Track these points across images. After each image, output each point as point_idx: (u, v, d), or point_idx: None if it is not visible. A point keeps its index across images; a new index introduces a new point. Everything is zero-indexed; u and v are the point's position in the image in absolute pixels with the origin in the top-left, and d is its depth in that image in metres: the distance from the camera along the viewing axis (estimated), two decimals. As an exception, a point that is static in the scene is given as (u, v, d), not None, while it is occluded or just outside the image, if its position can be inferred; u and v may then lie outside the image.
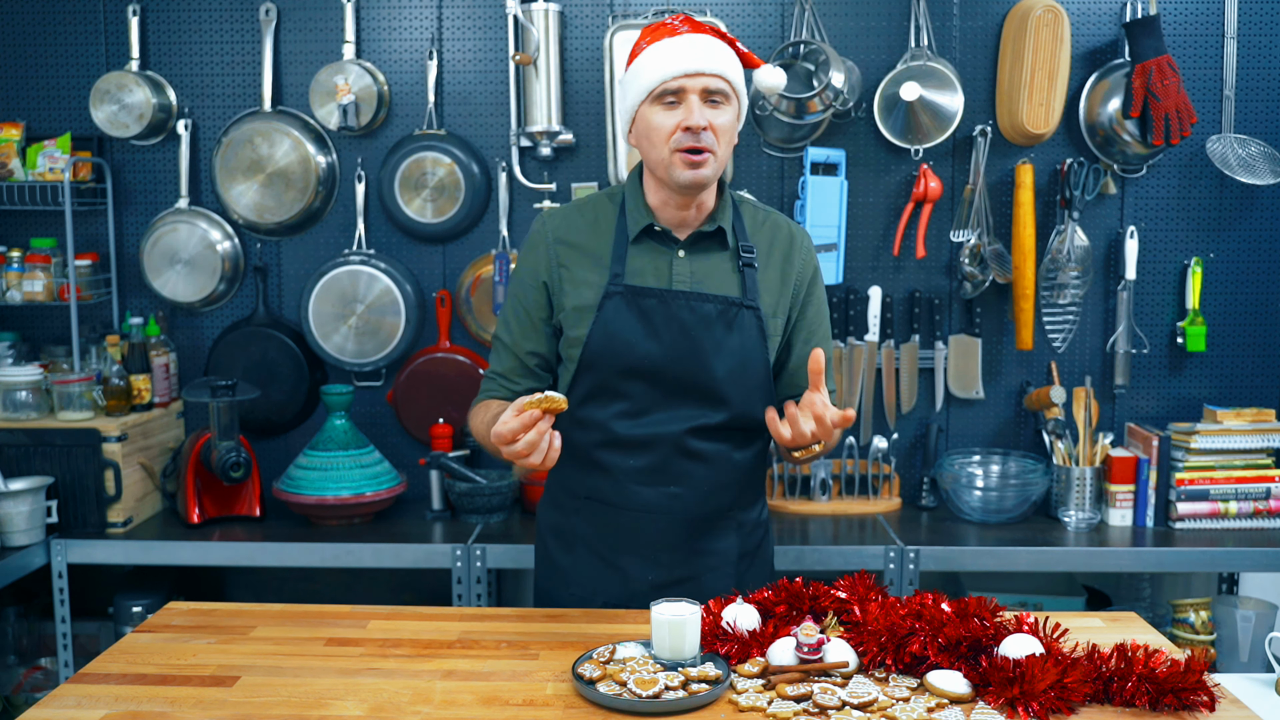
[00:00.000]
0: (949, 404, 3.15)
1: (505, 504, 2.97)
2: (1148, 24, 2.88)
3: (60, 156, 3.03)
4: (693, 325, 1.84)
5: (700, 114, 1.78)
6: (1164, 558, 2.79)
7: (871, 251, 3.11)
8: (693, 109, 1.78)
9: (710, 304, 1.85)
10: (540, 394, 1.63)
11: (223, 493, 2.96)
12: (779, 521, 2.96)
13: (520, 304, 1.93)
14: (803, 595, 1.71)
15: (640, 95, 1.82)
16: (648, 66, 1.81)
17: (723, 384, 1.85)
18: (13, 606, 3.04)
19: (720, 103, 1.80)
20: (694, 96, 1.78)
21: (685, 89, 1.78)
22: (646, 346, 1.84)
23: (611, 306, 1.85)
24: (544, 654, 1.67)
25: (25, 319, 3.22)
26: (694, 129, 1.77)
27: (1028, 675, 1.45)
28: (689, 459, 1.87)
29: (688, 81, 1.78)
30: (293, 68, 3.12)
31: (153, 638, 1.75)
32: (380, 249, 3.15)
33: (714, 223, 1.88)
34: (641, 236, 1.89)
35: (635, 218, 1.89)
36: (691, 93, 1.78)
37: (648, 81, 1.80)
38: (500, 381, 1.96)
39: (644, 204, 1.89)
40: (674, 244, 1.89)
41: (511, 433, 1.61)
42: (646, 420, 1.86)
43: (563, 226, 1.93)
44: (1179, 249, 3.11)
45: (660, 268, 1.87)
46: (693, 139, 1.78)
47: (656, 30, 1.84)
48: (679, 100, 1.79)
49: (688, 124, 1.77)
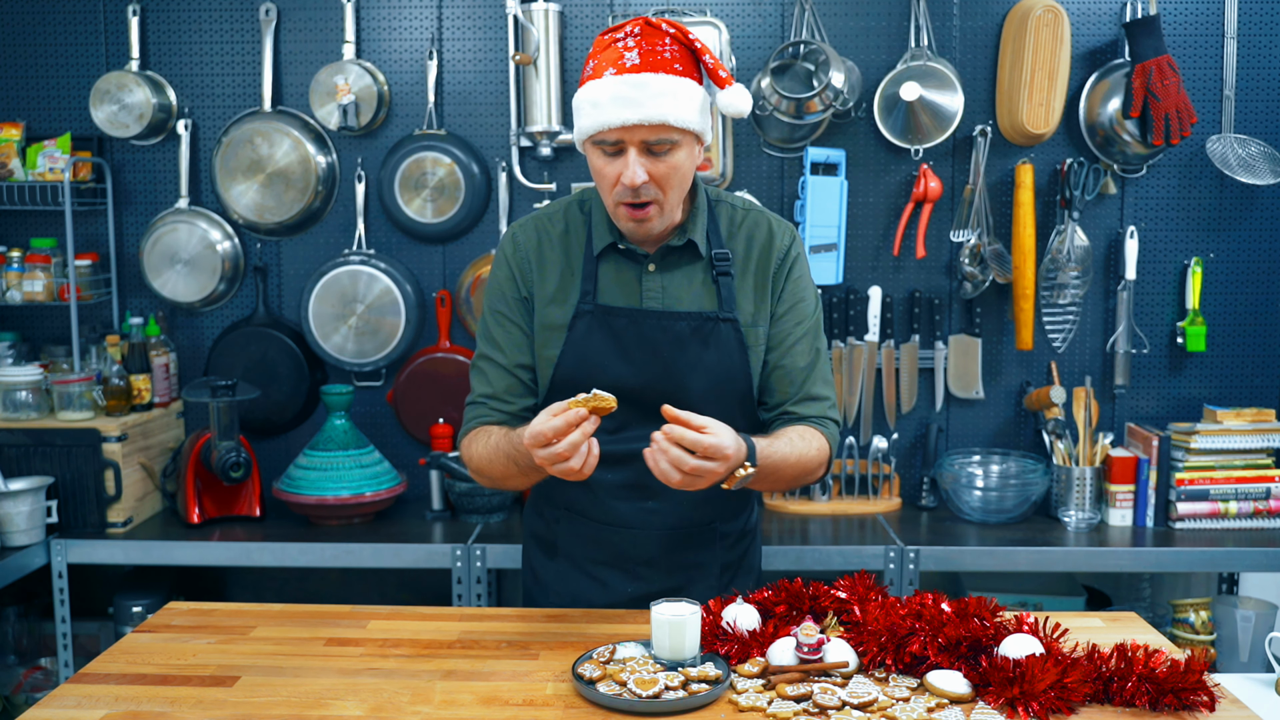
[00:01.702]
0: (949, 404, 3.15)
1: (505, 504, 2.97)
2: (1148, 24, 2.88)
3: (60, 156, 3.03)
4: (665, 345, 1.78)
5: (636, 171, 1.65)
6: (1164, 558, 2.79)
7: (871, 251, 3.11)
8: (630, 163, 1.66)
9: (683, 322, 1.77)
10: (586, 394, 1.55)
11: (223, 493, 2.96)
12: (779, 522, 2.96)
13: (504, 318, 1.83)
14: (803, 595, 1.71)
15: (583, 135, 1.70)
16: (586, 108, 1.68)
17: (700, 403, 1.72)
18: (13, 606, 3.04)
19: (665, 151, 1.67)
20: (633, 150, 1.66)
21: (624, 140, 1.66)
22: (619, 368, 1.78)
23: (582, 326, 1.78)
24: (544, 654, 1.66)
25: (25, 319, 3.22)
26: (631, 185, 1.66)
27: (1028, 675, 1.45)
28: None
29: (625, 135, 1.65)
30: (293, 68, 3.12)
31: (153, 638, 1.75)
32: (380, 249, 3.15)
33: (684, 236, 1.79)
34: (609, 251, 1.81)
35: (600, 233, 1.80)
36: (630, 145, 1.66)
37: (585, 126, 1.68)
38: (494, 405, 1.83)
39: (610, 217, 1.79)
40: (643, 258, 1.80)
41: (554, 431, 1.51)
42: (624, 436, 1.79)
43: (533, 239, 1.84)
44: (1179, 249, 3.10)
45: (629, 284, 1.80)
46: (632, 194, 1.68)
47: (606, 51, 1.70)
48: (620, 150, 1.68)
49: (624, 181, 1.66)
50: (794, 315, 1.85)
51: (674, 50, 1.69)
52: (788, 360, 1.83)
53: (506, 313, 1.84)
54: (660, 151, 1.67)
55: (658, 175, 1.68)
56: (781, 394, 1.84)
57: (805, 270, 1.88)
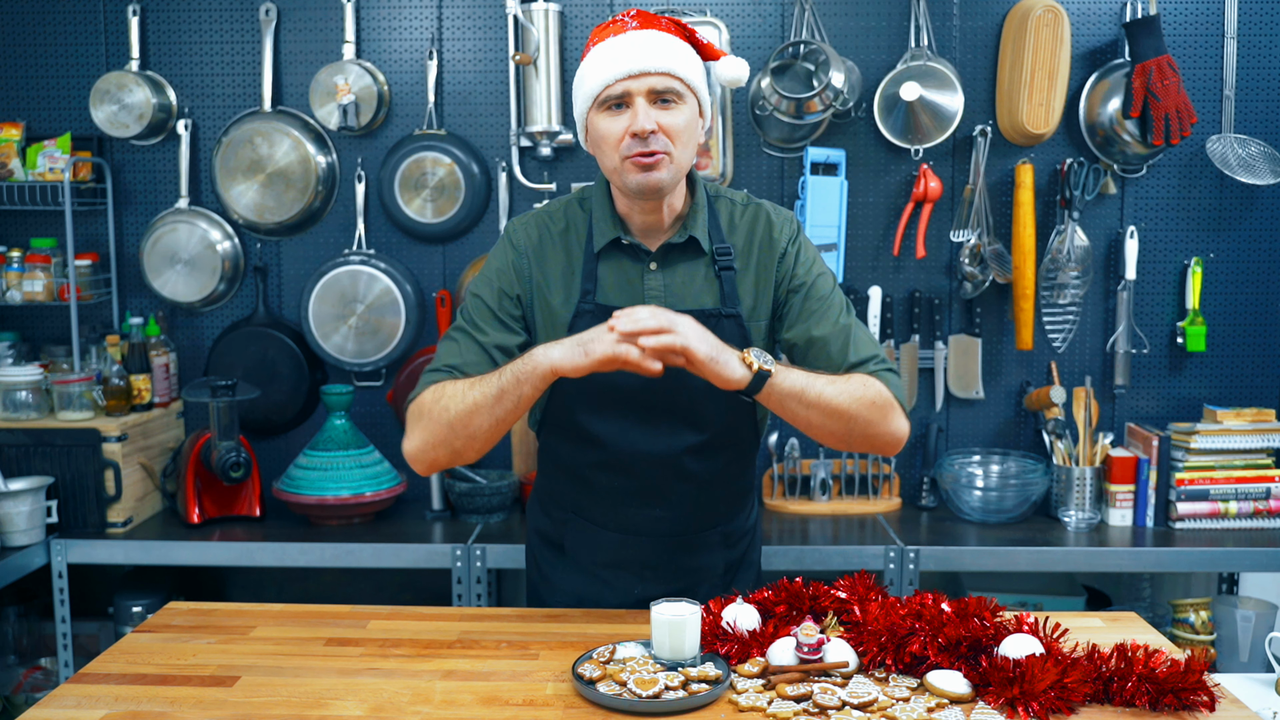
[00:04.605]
0: (949, 404, 3.15)
1: (505, 504, 2.97)
2: (1148, 24, 2.88)
3: (60, 156, 3.03)
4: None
5: (647, 117, 1.66)
6: (1164, 558, 2.79)
7: (871, 251, 3.11)
8: (639, 112, 1.66)
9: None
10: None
11: (223, 493, 2.96)
12: (779, 522, 2.96)
13: (484, 305, 1.80)
14: (803, 595, 1.71)
15: (587, 102, 1.71)
16: (591, 71, 1.70)
17: (703, 401, 1.76)
18: (13, 606, 3.04)
19: (672, 102, 1.69)
20: (640, 99, 1.67)
21: (630, 91, 1.67)
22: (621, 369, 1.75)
23: (583, 326, 1.74)
24: (544, 654, 1.67)
25: (25, 319, 3.22)
26: (640, 134, 1.66)
27: (1028, 675, 1.45)
28: (672, 479, 1.82)
29: (632, 84, 1.67)
30: (293, 68, 3.12)
31: (153, 638, 1.75)
32: (380, 249, 3.15)
33: (685, 232, 1.78)
34: (610, 249, 1.80)
35: (601, 230, 1.79)
36: (638, 95, 1.67)
37: (591, 87, 1.69)
38: (455, 374, 1.74)
39: (611, 213, 1.80)
40: (645, 256, 1.79)
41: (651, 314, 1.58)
42: (627, 442, 1.80)
43: (533, 237, 1.83)
44: (1179, 249, 3.10)
45: (631, 282, 1.79)
46: (641, 144, 1.67)
47: (604, 29, 1.73)
48: (626, 104, 1.68)
49: (634, 129, 1.66)
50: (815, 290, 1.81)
51: (671, 27, 1.74)
52: (820, 330, 1.78)
53: (487, 299, 1.80)
54: (668, 100, 1.69)
55: (667, 126, 1.68)
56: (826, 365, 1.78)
57: (813, 253, 1.85)
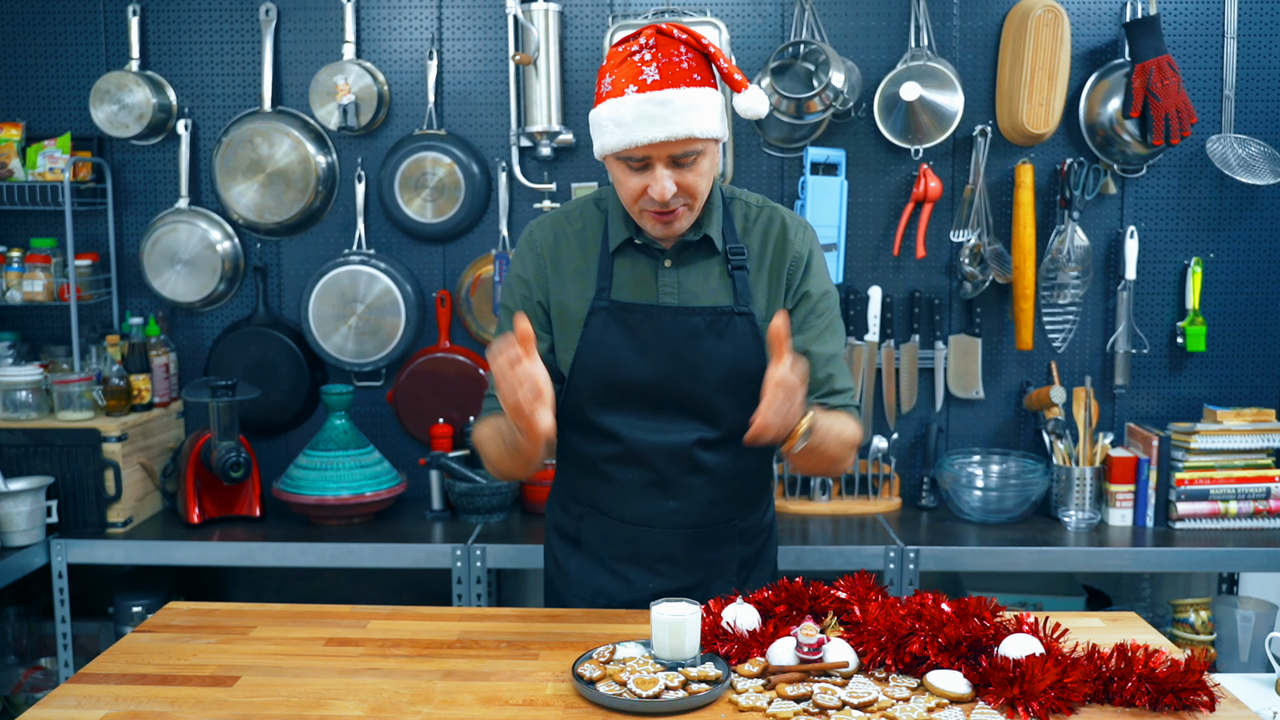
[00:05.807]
0: (949, 404, 3.15)
1: (505, 504, 2.97)
2: (1148, 24, 2.88)
3: (60, 156, 3.03)
4: (680, 340, 1.79)
5: (666, 184, 1.68)
6: (1164, 558, 2.79)
7: (871, 251, 3.11)
8: (659, 178, 1.68)
9: (699, 317, 1.78)
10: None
11: (223, 493, 2.96)
12: (779, 521, 2.94)
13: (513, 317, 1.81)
14: (803, 595, 1.71)
15: (605, 150, 1.71)
16: (608, 126, 1.69)
17: (716, 397, 1.79)
18: (13, 606, 3.04)
19: (691, 160, 1.69)
20: (660, 165, 1.68)
21: (651, 157, 1.68)
22: (635, 364, 1.79)
23: (597, 323, 1.80)
24: (544, 654, 1.66)
25: (25, 319, 3.22)
26: (661, 200, 1.69)
27: (1028, 675, 1.45)
28: (687, 473, 1.84)
29: (652, 151, 1.67)
30: (293, 68, 3.12)
31: (153, 638, 1.75)
32: (380, 249, 3.15)
33: (699, 231, 1.80)
34: (625, 247, 1.82)
35: (616, 229, 1.82)
36: (657, 161, 1.68)
37: (609, 143, 1.69)
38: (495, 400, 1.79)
39: (626, 215, 1.81)
40: (660, 254, 1.81)
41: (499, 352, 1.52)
42: (642, 435, 1.82)
43: (549, 236, 1.86)
44: (1179, 249, 3.10)
45: (646, 280, 1.81)
46: (661, 205, 1.70)
47: (623, 65, 1.70)
48: (646, 165, 1.69)
49: (654, 195, 1.69)
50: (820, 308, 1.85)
51: (690, 59, 1.70)
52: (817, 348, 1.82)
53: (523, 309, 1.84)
54: (687, 163, 1.70)
55: (686, 185, 1.71)
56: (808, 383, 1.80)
57: (824, 268, 1.89)
